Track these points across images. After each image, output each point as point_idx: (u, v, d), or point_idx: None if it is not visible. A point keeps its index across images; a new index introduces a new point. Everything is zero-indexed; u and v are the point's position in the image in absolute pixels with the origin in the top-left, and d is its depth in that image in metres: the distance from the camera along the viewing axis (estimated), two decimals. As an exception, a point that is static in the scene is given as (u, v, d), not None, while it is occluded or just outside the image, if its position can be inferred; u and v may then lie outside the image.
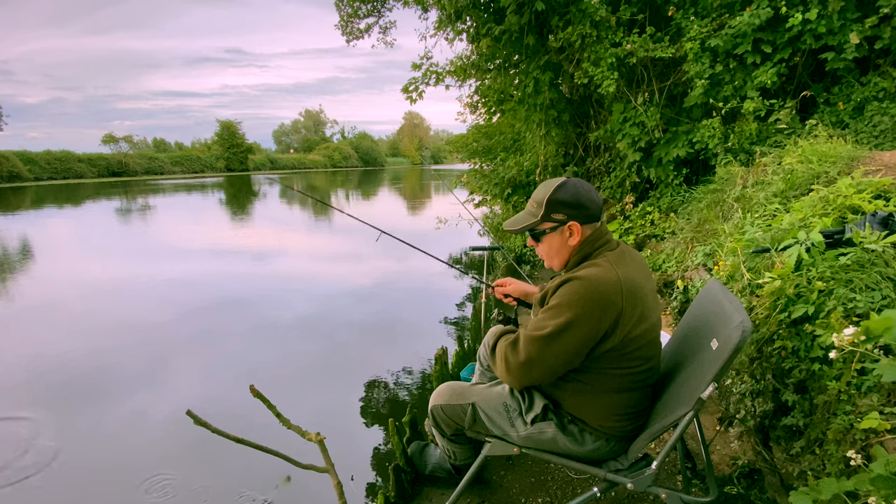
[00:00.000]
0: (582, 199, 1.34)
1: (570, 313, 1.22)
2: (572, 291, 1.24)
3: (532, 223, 1.38)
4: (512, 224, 1.44)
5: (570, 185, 1.35)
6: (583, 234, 1.35)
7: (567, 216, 1.34)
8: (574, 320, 1.22)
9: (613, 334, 1.24)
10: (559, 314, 1.24)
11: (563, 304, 1.24)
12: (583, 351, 1.27)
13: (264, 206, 17.38)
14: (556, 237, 1.37)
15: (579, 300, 1.22)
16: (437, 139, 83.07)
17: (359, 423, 2.94)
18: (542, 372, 1.31)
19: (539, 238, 1.41)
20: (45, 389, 3.42)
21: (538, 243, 1.43)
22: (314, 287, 6.17)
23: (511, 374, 1.34)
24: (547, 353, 1.27)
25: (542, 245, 1.42)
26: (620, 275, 1.25)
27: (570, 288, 1.25)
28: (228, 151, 46.47)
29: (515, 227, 1.43)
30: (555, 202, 1.34)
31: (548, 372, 1.32)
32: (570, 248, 1.37)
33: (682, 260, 3.44)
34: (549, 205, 1.34)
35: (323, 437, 1.47)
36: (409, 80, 5.87)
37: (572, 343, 1.24)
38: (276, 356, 3.96)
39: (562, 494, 1.91)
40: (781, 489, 1.60)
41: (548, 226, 1.37)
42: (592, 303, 1.21)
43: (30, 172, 31.49)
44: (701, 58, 3.96)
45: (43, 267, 7.42)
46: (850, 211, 1.92)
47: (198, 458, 2.61)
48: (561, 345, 1.25)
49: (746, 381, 1.72)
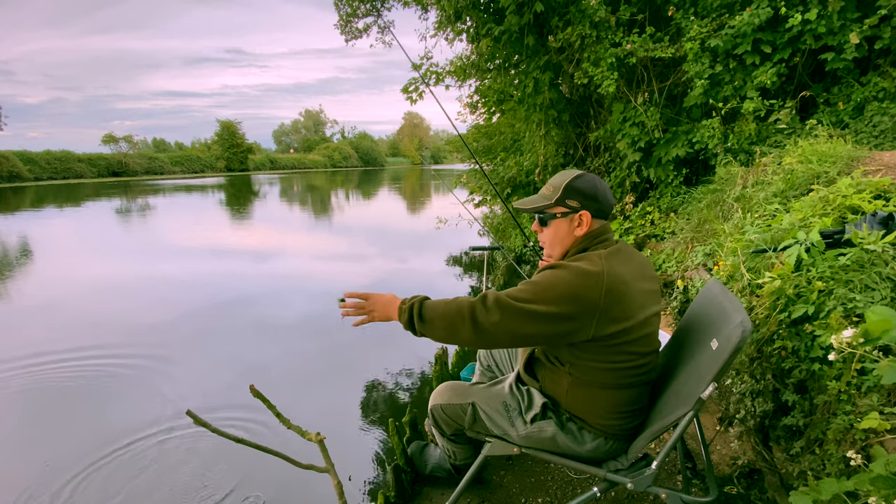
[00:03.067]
0: (598, 193, 1.36)
1: (543, 294, 1.23)
2: (553, 274, 1.27)
3: (544, 205, 1.39)
4: (524, 203, 1.45)
5: (588, 177, 1.38)
6: (590, 226, 1.36)
7: (581, 204, 1.35)
8: (546, 301, 1.23)
9: (588, 326, 1.24)
10: (534, 290, 1.25)
11: (540, 282, 1.26)
12: (553, 334, 1.26)
13: (264, 206, 17.39)
14: (565, 224, 1.38)
15: (558, 284, 1.24)
16: (437, 139, 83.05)
17: (359, 423, 2.94)
18: (504, 338, 1.27)
19: (547, 222, 1.41)
20: (43, 388, 3.42)
21: (544, 227, 1.43)
22: (314, 286, 6.17)
23: (477, 332, 1.26)
24: (513, 321, 1.24)
25: (548, 229, 1.42)
26: (605, 269, 1.25)
27: (552, 272, 1.28)
28: (228, 151, 46.50)
29: (527, 206, 1.43)
30: (571, 189, 1.36)
31: (510, 340, 1.28)
32: (574, 237, 1.38)
33: (682, 260, 3.44)
34: (566, 190, 1.36)
35: (323, 437, 1.47)
36: (409, 80, 5.88)
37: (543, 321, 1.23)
38: (276, 356, 3.96)
39: (562, 494, 1.91)
40: (781, 489, 1.60)
41: (559, 210, 1.38)
42: (567, 290, 1.23)
43: (30, 172, 31.51)
44: (701, 58, 3.96)
45: (43, 267, 7.43)
46: (850, 211, 1.92)
47: (199, 459, 2.62)
48: (532, 318, 1.23)
49: (746, 381, 1.72)
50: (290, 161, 55.16)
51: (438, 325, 1.31)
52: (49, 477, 2.48)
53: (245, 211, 15.71)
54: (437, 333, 1.32)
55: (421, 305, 1.34)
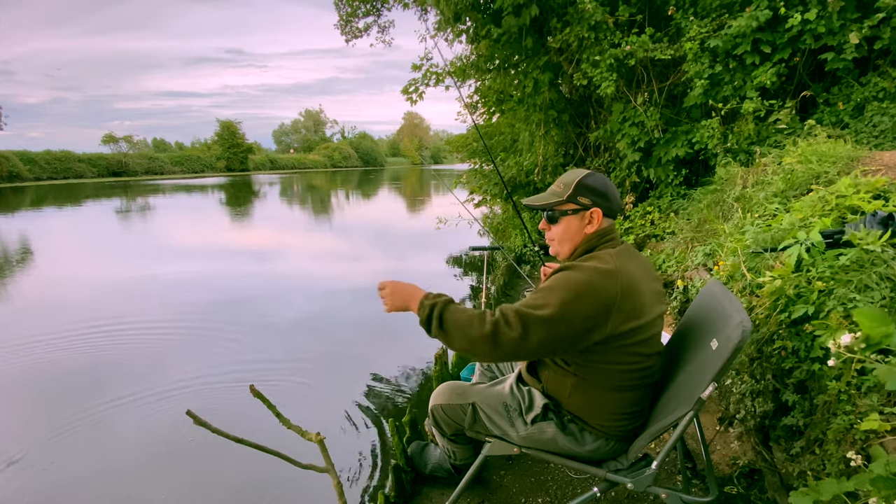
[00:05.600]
0: (609, 192, 1.38)
1: (563, 296, 1.21)
2: (567, 276, 1.25)
3: (556, 202, 1.38)
4: (533, 200, 1.44)
5: (599, 175, 1.39)
6: (600, 224, 1.37)
7: (592, 202, 1.36)
8: (566, 303, 1.20)
9: (605, 324, 1.22)
10: (552, 296, 1.22)
11: (556, 287, 1.24)
12: (574, 335, 1.23)
13: (264, 206, 17.38)
14: (576, 221, 1.38)
15: (575, 284, 1.23)
16: (437, 139, 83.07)
17: (359, 423, 2.93)
18: (530, 350, 1.24)
19: (557, 219, 1.40)
20: (39, 390, 3.42)
21: (554, 224, 1.41)
22: (314, 286, 6.16)
23: (498, 349, 1.22)
24: (539, 332, 1.21)
25: (557, 226, 1.40)
26: (619, 267, 1.25)
27: (565, 274, 1.27)
28: (228, 151, 46.48)
29: (537, 203, 1.42)
30: (583, 186, 1.36)
31: (534, 351, 1.25)
32: (583, 235, 1.38)
33: (682, 260, 3.44)
34: (578, 187, 1.36)
35: (323, 437, 1.47)
36: (409, 81, 5.87)
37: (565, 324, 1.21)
38: (276, 356, 3.96)
39: (562, 494, 1.91)
40: (781, 489, 1.60)
41: (571, 207, 1.37)
42: (586, 288, 1.22)
43: (30, 172, 31.50)
44: (700, 58, 3.96)
45: (42, 266, 7.42)
46: (849, 211, 1.92)
47: (200, 459, 2.61)
48: (555, 324, 1.20)
49: (746, 381, 1.72)
50: (290, 161, 55.15)
51: (456, 338, 1.26)
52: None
53: (245, 211, 15.71)
54: (453, 345, 1.28)
55: (443, 311, 1.29)
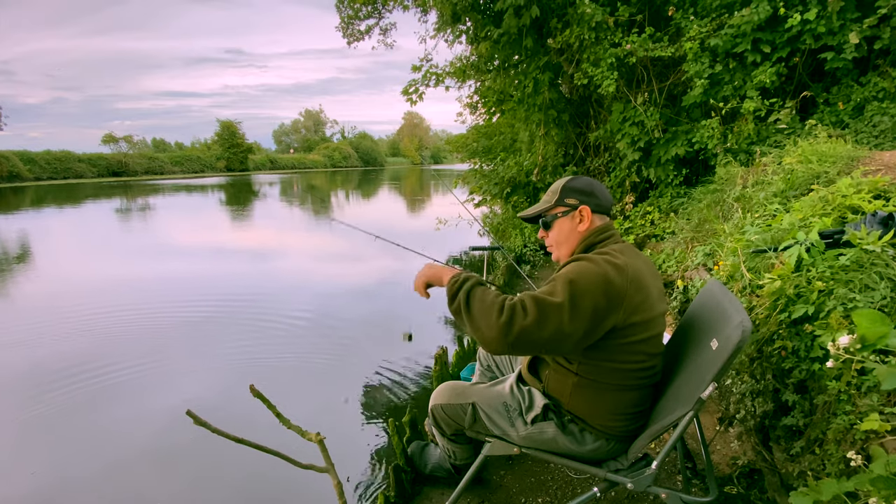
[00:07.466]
0: (595, 189, 1.43)
1: (578, 282, 1.20)
2: (581, 266, 1.26)
3: (546, 208, 1.46)
4: (526, 212, 1.53)
5: (582, 177, 1.48)
6: (592, 222, 1.40)
7: (579, 201, 1.41)
8: (582, 290, 1.19)
9: (618, 310, 1.22)
10: (567, 283, 1.21)
11: (570, 275, 1.23)
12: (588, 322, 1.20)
13: (264, 206, 17.38)
14: (567, 222, 1.43)
15: (588, 273, 1.22)
16: (437, 139, 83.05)
17: (359, 423, 2.93)
18: (543, 340, 1.18)
19: (550, 224, 1.46)
20: (38, 389, 3.42)
21: (549, 230, 1.48)
22: (314, 286, 6.16)
23: (509, 336, 1.17)
24: (554, 319, 1.17)
25: (552, 231, 1.47)
26: (627, 262, 1.27)
27: (576, 263, 1.28)
28: (228, 151, 46.46)
29: (529, 213, 1.51)
30: (568, 189, 1.43)
31: (547, 341, 1.19)
32: (578, 234, 1.41)
33: (682, 260, 3.44)
34: (564, 191, 1.43)
35: (323, 437, 1.47)
36: (409, 81, 5.87)
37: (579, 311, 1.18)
38: (276, 356, 3.96)
39: (562, 494, 1.91)
40: (781, 489, 1.60)
41: (560, 210, 1.43)
42: (599, 277, 1.22)
43: (30, 172, 31.49)
44: (700, 57, 3.96)
45: (42, 266, 7.42)
46: (850, 211, 1.92)
47: (198, 458, 2.61)
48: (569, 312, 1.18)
49: (746, 381, 1.72)
50: (290, 161, 55.14)
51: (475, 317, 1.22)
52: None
53: (245, 211, 15.71)
54: (471, 323, 1.23)
55: (472, 288, 1.27)
